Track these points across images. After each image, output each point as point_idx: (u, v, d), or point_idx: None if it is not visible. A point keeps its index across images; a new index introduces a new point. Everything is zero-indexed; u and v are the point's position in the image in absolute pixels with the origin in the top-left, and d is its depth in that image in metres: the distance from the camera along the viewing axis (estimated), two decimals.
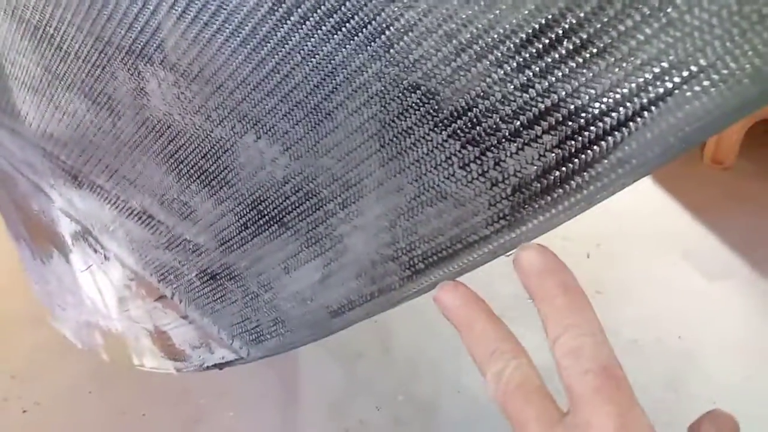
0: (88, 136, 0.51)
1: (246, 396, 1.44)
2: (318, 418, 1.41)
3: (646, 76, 0.25)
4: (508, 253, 0.31)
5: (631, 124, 0.26)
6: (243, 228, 0.44)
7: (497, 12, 0.26)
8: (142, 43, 0.40)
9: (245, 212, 0.43)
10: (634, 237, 1.89)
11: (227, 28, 0.35)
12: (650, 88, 0.25)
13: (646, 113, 0.25)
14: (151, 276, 0.56)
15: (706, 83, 0.24)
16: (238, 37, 0.35)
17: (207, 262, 0.49)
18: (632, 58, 0.25)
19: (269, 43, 0.34)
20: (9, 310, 1.67)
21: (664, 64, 0.24)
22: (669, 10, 0.23)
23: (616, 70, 0.25)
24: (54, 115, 0.53)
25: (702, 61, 0.23)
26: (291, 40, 0.33)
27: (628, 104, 0.25)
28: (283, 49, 0.34)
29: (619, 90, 0.25)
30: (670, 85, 0.24)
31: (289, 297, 0.44)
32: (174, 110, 0.42)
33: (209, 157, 0.42)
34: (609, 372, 0.26)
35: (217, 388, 1.44)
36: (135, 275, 0.59)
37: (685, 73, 0.24)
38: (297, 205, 0.39)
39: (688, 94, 0.24)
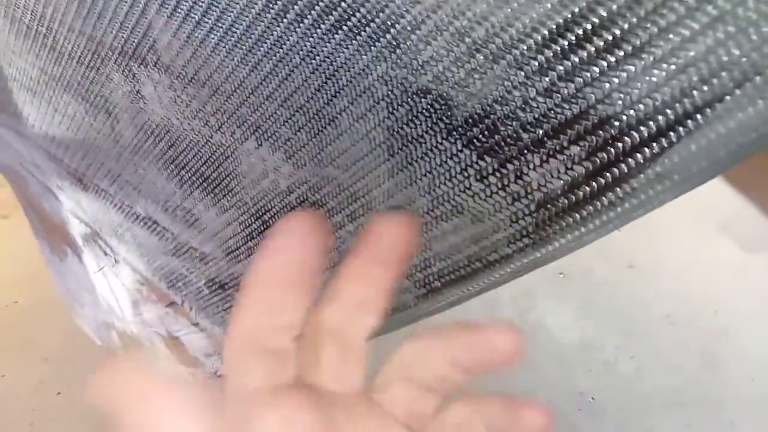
0: (88, 139, 0.49)
1: None
2: None
3: (692, 78, 0.21)
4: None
5: (671, 134, 0.22)
6: (249, 238, 0.41)
7: (515, 5, 0.23)
8: (134, 44, 0.38)
9: (250, 222, 0.40)
10: (668, 208, 1.80)
11: (220, 27, 0.32)
12: (695, 92, 0.21)
13: (690, 122, 0.22)
14: (160, 282, 0.54)
15: (763, 86, 0.20)
16: (233, 37, 0.32)
17: (215, 272, 0.47)
18: (674, 59, 0.21)
19: (265, 43, 0.31)
20: (41, 295, 1.70)
21: (713, 65, 0.21)
22: (719, 1, 0.20)
23: (655, 71, 0.21)
24: (54, 117, 0.51)
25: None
26: (288, 40, 0.30)
27: (669, 111, 0.22)
28: (280, 50, 0.31)
29: (658, 95, 0.22)
30: (719, 89, 0.21)
31: None
32: (171, 114, 0.39)
33: (210, 163, 0.40)
34: None
35: None
36: (145, 280, 0.57)
37: (738, 75, 0.20)
38: None
39: (742, 99, 0.21)
